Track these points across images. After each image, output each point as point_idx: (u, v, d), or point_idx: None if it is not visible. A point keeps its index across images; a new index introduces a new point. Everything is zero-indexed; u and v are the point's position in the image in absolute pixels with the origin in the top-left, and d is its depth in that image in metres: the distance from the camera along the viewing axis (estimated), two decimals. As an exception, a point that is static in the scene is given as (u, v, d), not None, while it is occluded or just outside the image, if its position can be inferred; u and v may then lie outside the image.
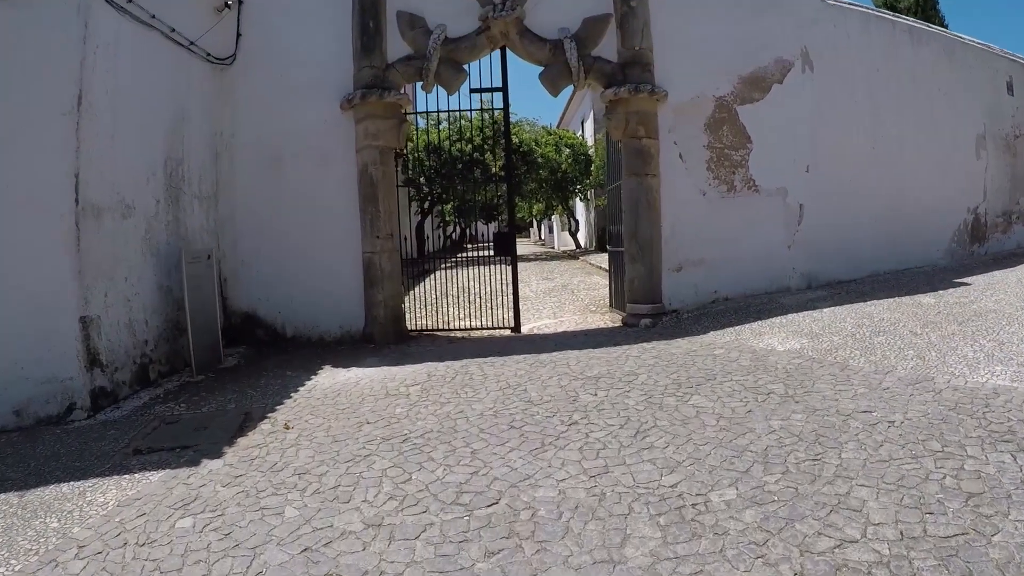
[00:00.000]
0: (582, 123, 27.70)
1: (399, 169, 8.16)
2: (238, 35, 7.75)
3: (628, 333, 7.26)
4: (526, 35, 7.68)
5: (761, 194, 8.15)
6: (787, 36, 8.17)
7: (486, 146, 19.38)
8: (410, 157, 19.98)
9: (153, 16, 6.25)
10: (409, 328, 8.09)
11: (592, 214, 25.16)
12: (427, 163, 18.55)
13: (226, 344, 7.41)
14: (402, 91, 7.76)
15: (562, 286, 12.94)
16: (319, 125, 7.69)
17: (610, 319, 8.50)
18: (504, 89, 7.97)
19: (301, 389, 5.61)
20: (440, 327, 8.25)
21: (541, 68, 7.85)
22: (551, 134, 24.90)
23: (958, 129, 10.34)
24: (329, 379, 5.93)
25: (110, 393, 5.45)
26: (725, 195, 8.06)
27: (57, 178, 5.15)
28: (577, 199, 26.40)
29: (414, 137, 19.72)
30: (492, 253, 14.87)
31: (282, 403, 5.20)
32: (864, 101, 8.95)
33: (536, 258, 23.63)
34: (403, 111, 7.80)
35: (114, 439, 4.59)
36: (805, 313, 6.90)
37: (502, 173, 18.73)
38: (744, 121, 8.06)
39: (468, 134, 17.97)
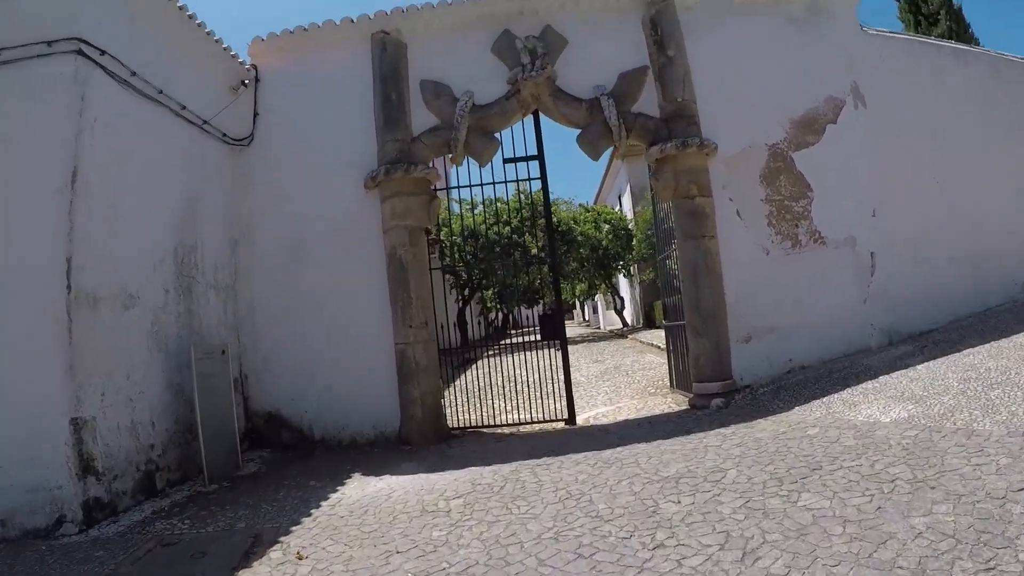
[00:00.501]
0: (619, 198, 27.25)
1: (435, 254, 7.54)
2: (255, 114, 7.44)
3: (699, 417, 6.30)
4: (559, 96, 7.15)
5: (828, 246, 7.27)
6: (835, 72, 7.49)
7: (524, 227, 18.97)
8: (447, 243, 19.79)
9: (161, 92, 5.94)
10: (451, 426, 7.22)
11: (637, 290, 24.29)
12: (464, 248, 18.14)
13: (248, 447, 6.79)
14: (430, 165, 7.24)
15: (615, 367, 11.99)
16: (343, 206, 7.19)
17: (673, 401, 7.54)
18: (540, 157, 7.37)
19: (324, 504, 4.80)
20: (485, 423, 7.34)
21: (577, 131, 7.27)
22: (589, 211, 24.41)
23: (1019, 150, 9.35)
24: (357, 491, 5.10)
25: (107, 504, 4.78)
26: (790, 251, 7.20)
27: (46, 262, 4.68)
28: (620, 275, 25.59)
29: (449, 221, 19.49)
30: (539, 337, 14.01)
31: (299, 522, 4.39)
32: (921, 132, 8.10)
33: (583, 340, 22.67)
34: (432, 186, 7.25)
35: (100, 562, 3.90)
36: (898, 374, 5.92)
37: (542, 254, 18.37)
38: (801, 168, 7.29)
39: (504, 216, 17.50)
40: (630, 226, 23.05)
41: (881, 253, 7.38)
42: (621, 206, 26.14)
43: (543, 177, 7.40)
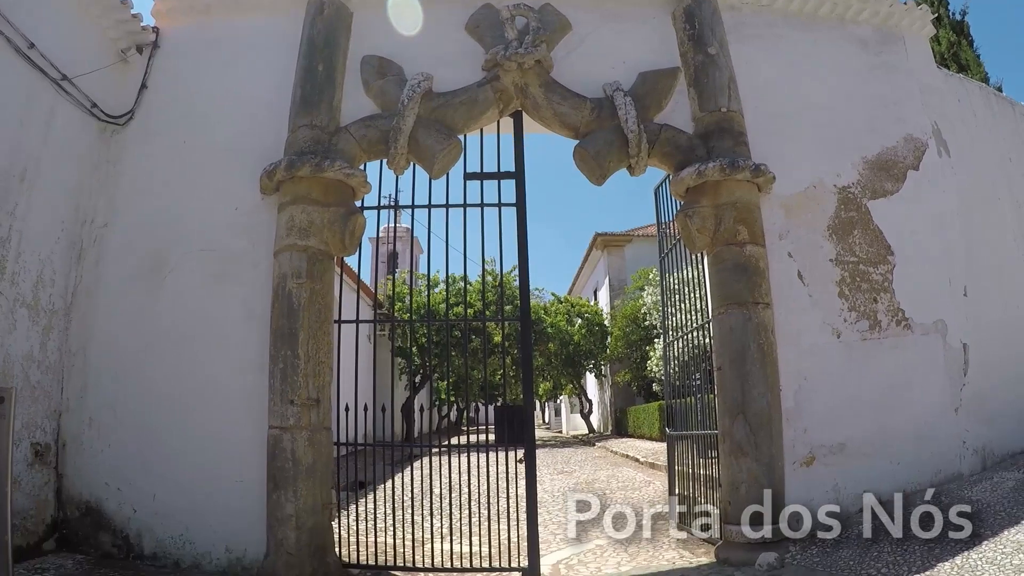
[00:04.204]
0: (595, 292, 25.32)
1: (384, 332, 5.19)
2: (142, 87, 5.25)
3: (745, 583, 3.90)
4: (553, 89, 5.09)
5: (914, 331, 5.19)
6: (914, 106, 5.70)
7: (487, 311, 16.82)
8: (399, 320, 17.45)
9: (-1, 14, 3.90)
10: (348, 560, 4.65)
11: (608, 393, 21.93)
12: (419, 331, 15.84)
13: (58, 548, 4.44)
14: (362, 167, 5.03)
15: (586, 483, 9.47)
16: (227, 212, 4.94)
17: (682, 546, 5.12)
18: (519, 174, 5.23)
19: None
20: (403, 562, 4.75)
21: (574, 142, 5.17)
22: (561, 302, 22.33)
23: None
24: None
25: None
26: (868, 335, 5.07)
27: None
28: (591, 375, 23.20)
29: (403, 297, 17.28)
30: (494, 437, 11.25)
31: None
32: (1006, 197, 6.34)
33: (544, 444, 19.97)
34: (354, 195, 4.98)
35: None
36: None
37: (507, 343, 16.08)
38: (879, 223, 5.30)
39: (468, 295, 15.22)
40: (606, 322, 21.00)
41: (975, 346, 5.35)
42: (597, 300, 24.18)
43: (520, 203, 5.20)
